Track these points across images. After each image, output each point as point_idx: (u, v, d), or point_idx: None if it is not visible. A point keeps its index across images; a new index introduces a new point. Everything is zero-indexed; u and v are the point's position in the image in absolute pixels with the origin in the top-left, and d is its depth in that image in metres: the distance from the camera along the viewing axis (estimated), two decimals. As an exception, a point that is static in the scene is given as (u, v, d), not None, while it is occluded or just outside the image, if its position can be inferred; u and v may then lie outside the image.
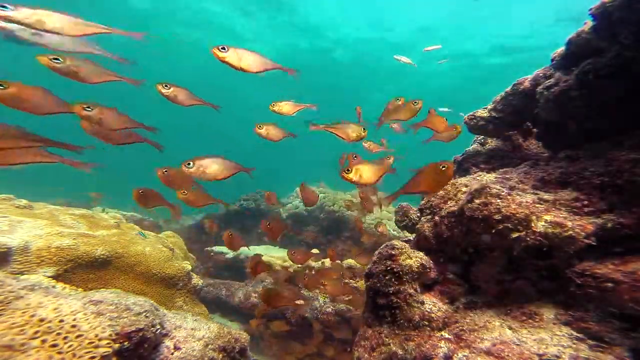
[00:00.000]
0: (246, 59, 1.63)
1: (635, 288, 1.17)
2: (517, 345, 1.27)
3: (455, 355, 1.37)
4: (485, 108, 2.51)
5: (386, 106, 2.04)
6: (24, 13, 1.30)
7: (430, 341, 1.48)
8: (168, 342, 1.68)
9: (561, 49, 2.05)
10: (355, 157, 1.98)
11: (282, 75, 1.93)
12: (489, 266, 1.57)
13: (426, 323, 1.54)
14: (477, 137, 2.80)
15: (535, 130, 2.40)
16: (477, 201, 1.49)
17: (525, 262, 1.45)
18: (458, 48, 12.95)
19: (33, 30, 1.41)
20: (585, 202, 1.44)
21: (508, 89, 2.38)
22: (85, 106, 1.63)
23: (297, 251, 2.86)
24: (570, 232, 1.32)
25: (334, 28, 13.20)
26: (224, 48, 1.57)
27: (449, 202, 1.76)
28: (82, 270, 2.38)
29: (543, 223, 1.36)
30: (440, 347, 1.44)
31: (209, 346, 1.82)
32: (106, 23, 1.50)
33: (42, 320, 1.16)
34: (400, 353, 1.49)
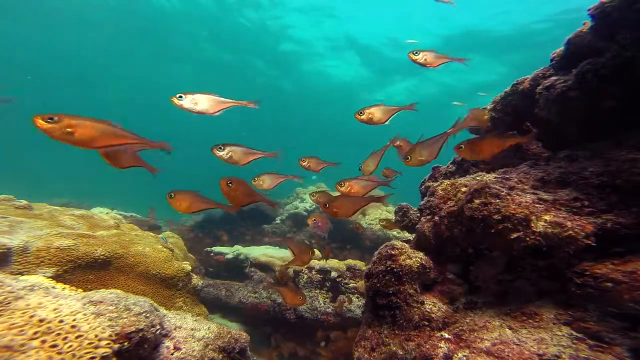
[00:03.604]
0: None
1: (635, 288, 1.17)
2: (517, 345, 1.27)
3: (455, 355, 1.37)
4: (485, 108, 2.51)
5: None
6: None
7: (430, 341, 1.48)
8: (168, 343, 1.68)
9: (560, 49, 2.05)
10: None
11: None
12: (489, 266, 1.57)
13: (426, 323, 1.54)
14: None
15: (534, 130, 2.40)
16: (476, 201, 1.49)
17: (525, 262, 1.45)
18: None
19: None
20: (585, 202, 1.44)
21: (507, 89, 2.38)
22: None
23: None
24: (570, 232, 1.32)
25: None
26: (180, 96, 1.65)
27: (448, 202, 1.76)
28: (81, 270, 2.38)
29: (543, 223, 1.36)
30: (440, 347, 1.44)
31: (209, 346, 1.82)
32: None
33: (41, 320, 1.16)
34: (400, 353, 1.49)
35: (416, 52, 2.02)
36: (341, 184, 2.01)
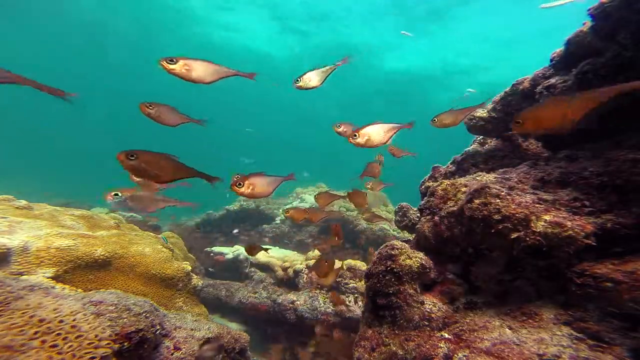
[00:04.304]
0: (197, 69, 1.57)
1: (635, 288, 1.17)
2: (517, 345, 1.27)
3: (455, 355, 1.37)
4: (485, 108, 2.51)
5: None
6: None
7: (430, 341, 1.48)
8: (168, 343, 1.68)
9: (560, 49, 2.05)
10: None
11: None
12: (489, 266, 1.57)
13: (426, 323, 1.54)
14: (477, 137, 2.80)
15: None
16: (476, 201, 1.49)
17: (525, 262, 1.45)
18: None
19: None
20: (585, 202, 1.44)
21: (507, 89, 2.38)
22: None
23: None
24: (570, 232, 1.32)
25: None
26: (172, 60, 1.50)
27: (448, 202, 1.76)
28: (81, 271, 2.38)
29: (542, 223, 1.36)
30: (440, 347, 1.44)
31: (209, 347, 1.81)
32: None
33: (41, 320, 1.16)
34: (400, 353, 1.49)
35: (297, 80, 1.91)
36: (239, 184, 1.69)
